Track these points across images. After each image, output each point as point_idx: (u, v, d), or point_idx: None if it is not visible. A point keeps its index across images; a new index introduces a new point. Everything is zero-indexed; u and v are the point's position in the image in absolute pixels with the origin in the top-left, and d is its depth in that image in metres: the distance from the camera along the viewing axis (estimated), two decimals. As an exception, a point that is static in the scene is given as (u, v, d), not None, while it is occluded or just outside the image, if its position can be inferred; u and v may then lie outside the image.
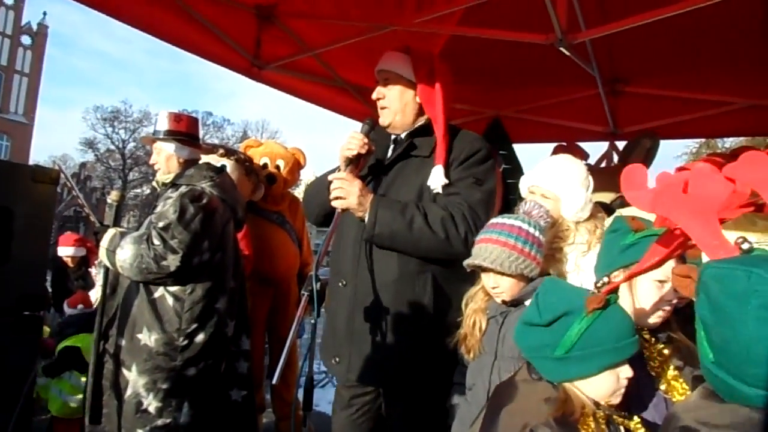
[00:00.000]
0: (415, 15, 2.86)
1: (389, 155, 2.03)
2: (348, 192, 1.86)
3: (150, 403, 2.24)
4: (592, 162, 3.92)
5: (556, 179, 2.07)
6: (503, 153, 4.30)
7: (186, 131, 2.51)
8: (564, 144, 3.84)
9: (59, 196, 30.36)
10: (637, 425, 1.18)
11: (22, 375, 2.77)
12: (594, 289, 1.20)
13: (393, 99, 1.98)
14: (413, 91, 1.97)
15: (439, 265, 1.90)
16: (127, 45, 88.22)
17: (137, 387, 2.25)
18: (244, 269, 2.74)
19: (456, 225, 1.83)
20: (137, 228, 2.42)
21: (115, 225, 2.43)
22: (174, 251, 2.22)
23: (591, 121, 4.10)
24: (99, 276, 2.85)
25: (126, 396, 2.27)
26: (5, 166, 3.34)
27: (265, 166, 3.54)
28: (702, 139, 17.93)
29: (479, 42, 3.19)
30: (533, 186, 2.12)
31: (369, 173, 2.02)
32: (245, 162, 3.23)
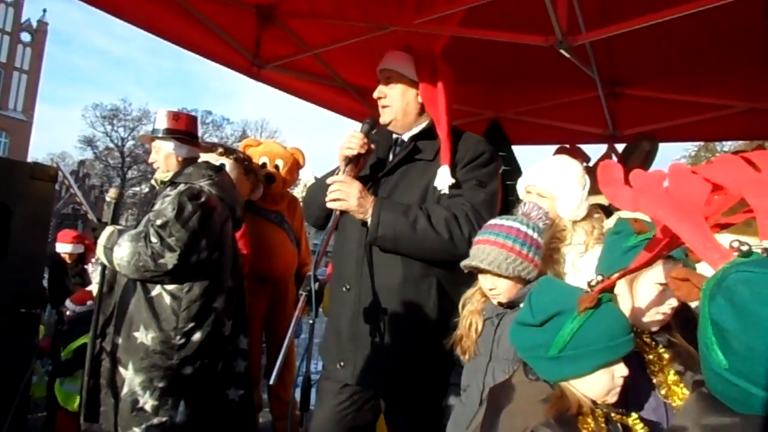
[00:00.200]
0: (415, 16, 2.86)
1: (391, 157, 2.02)
2: (347, 193, 1.83)
3: (146, 402, 2.23)
4: (591, 165, 3.92)
5: (551, 178, 2.07)
6: (502, 155, 4.30)
7: (185, 130, 2.51)
8: (566, 146, 3.83)
9: (58, 193, 30.33)
10: (636, 421, 1.18)
11: (18, 373, 2.76)
12: (587, 288, 1.20)
13: (394, 98, 1.96)
14: (415, 91, 1.95)
15: (443, 269, 1.88)
16: (127, 43, 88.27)
17: (133, 385, 2.25)
18: (242, 268, 2.74)
19: (460, 226, 1.81)
20: (136, 226, 2.42)
21: (114, 223, 2.43)
22: (171, 249, 2.22)
23: (590, 124, 4.10)
24: (95, 273, 2.85)
25: (122, 394, 2.26)
26: (3, 163, 3.33)
27: (264, 165, 3.54)
28: (701, 143, 17.93)
29: (479, 43, 3.19)
30: (529, 185, 2.13)
31: (370, 174, 2.00)
32: (244, 161, 3.23)
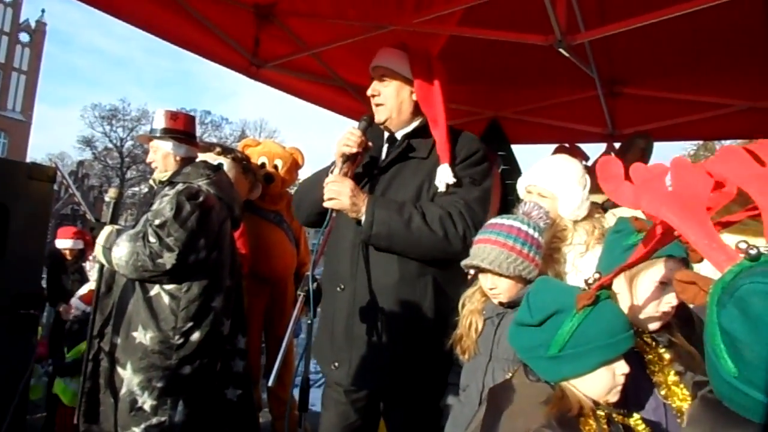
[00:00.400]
0: (414, 15, 2.85)
1: (384, 156, 2.00)
2: (339, 192, 1.80)
3: (145, 402, 2.23)
4: (590, 164, 3.92)
5: (552, 178, 2.07)
6: (502, 154, 4.31)
7: (183, 129, 2.51)
8: (565, 145, 3.83)
9: (57, 194, 30.31)
10: (638, 422, 1.17)
11: (17, 373, 2.76)
12: (585, 286, 1.20)
13: (389, 96, 1.94)
14: (410, 89, 1.94)
15: (439, 267, 1.87)
16: (126, 43, 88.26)
17: (132, 385, 2.25)
18: (240, 267, 2.73)
19: (454, 223, 1.79)
20: (134, 226, 2.41)
21: (112, 222, 2.43)
22: (170, 249, 2.21)
23: (589, 123, 4.10)
24: (92, 272, 2.84)
25: (121, 394, 2.26)
26: (2, 163, 3.34)
27: (263, 165, 3.54)
28: (700, 142, 17.97)
29: (478, 43, 3.18)
30: (530, 185, 2.12)
31: (363, 173, 1.98)
32: (242, 160, 3.23)
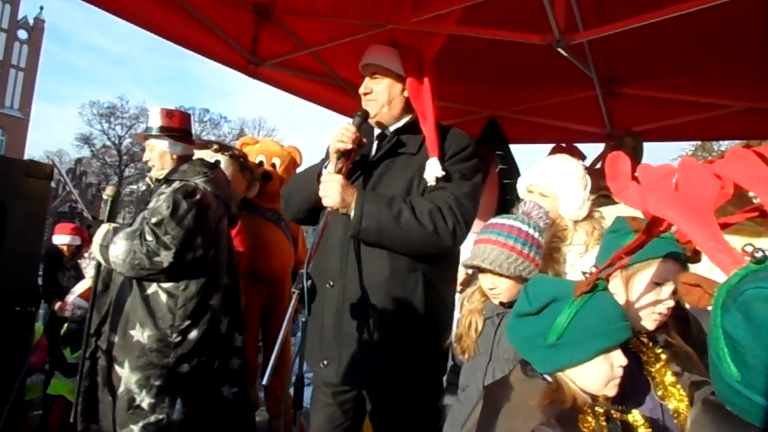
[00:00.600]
0: (413, 14, 2.85)
1: (373, 152, 1.99)
2: (327, 188, 1.79)
3: (143, 400, 2.23)
4: (587, 163, 3.92)
5: (554, 178, 2.07)
6: (500, 153, 4.29)
7: (179, 127, 2.50)
8: (562, 145, 3.83)
9: (54, 191, 30.26)
10: (636, 419, 1.17)
11: (13, 371, 2.75)
12: (583, 278, 1.20)
13: (381, 92, 1.94)
14: (401, 86, 1.94)
15: (429, 264, 1.86)
16: (125, 41, 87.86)
17: (130, 383, 2.24)
18: (237, 265, 2.73)
19: (444, 217, 1.78)
20: (131, 224, 2.41)
21: (110, 220, 2.42)
22: (167, 247, 2.21)
23: (588, 123, 4.10)
24: (89, 268, 2.83)
25: (119, 392, 2.26)
26: (-1, 160, 3.32)
27: (261, 163, 3.53)
28: (698, 142, 17.98)
29: (477, 42, 3.18)
30: (531, 185, 2.12)
31: (353, 169, 1.96)
32: (239, 158, 3.22)
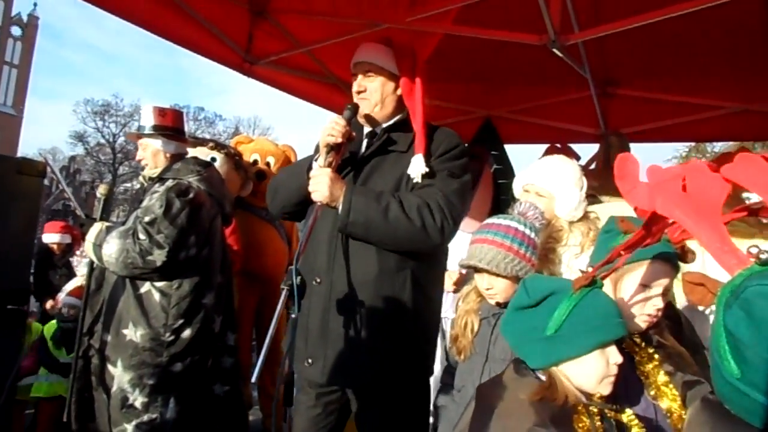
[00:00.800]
0: (409, 13, 2.85)
1: (363, 149, 1.98)
2: (317, 182, 1.78)
3: (136, 399, 2.22)
4: (582, 164, 3.93)
5: (551, 178, 2.08)
6: (495, 153, 4.30)
7: (172, 125, 2.48)
8: (557, 145, 3.84)
9: (48, 189, 30.08)
10: (630, 418, 1.17)
11: (4, 369, 2.74)
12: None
13: (374, 91, 1.93)
14: (394, 84, 1.93)
15: (417, 261, 1.84)
16: (119, 38, 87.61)
17: (123, 382, 2.23)
18: (231, 264, 2.72)
19: (432, 213, 1.77)
20: (124, 223, 2.40)
21: (103, 219, 2.41)
22: (160, 246, 2.20)
23: (582, 123, 4.12)
24: (81, 266, 2.82)
25: (112, 391, 2.25)
26: (-9, 158, 3.30)
27: (255, 162, 3.52)
28: (692, 143, 18.08)
29: (472, 42, 3.19)
30: (528, 185, 2.13)
31: (342, 165, 1.95)
32: (234, 156, 3.21)
